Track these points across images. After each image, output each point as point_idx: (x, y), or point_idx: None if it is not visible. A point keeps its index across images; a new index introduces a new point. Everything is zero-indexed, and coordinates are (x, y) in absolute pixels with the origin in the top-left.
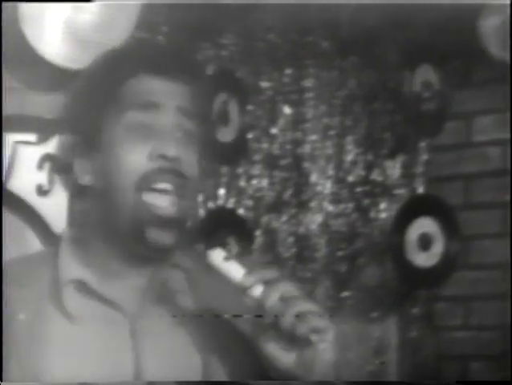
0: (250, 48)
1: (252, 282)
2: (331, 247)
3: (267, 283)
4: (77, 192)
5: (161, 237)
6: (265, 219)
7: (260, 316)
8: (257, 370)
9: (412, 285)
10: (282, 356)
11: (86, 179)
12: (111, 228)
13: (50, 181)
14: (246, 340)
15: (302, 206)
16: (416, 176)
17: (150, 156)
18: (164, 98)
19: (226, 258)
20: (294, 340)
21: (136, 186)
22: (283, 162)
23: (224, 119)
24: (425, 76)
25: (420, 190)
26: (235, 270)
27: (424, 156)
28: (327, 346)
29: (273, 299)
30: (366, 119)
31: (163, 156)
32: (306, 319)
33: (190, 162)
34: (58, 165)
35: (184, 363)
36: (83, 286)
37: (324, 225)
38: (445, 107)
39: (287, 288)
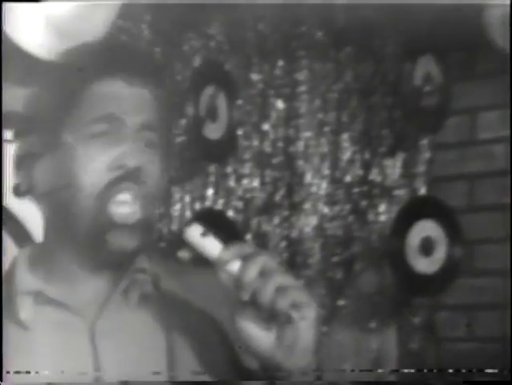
0: (239, 39)
1: (230, 257)
2: (325, 252)
3: (245, 257)
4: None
5: (123, 242)
6: (255, 222)
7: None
8: (230, 357)
9: (412, 292)
10: (260, 336)
11: (45, 183)
12: (72, 235)
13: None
14: (218, 324)
15: (295, 208)
16: (417, 176)
17: (110, 166)
18: (127, 112)
19: (203, 234)
20: (273, 318)
21: (97, 196)
22: (275, 160)
23: (211, 114)
24: (426, 68)
25: (422, 191)
26: (212, 246)
27: (426, 155)
28: (308, 323)
29: (251, 273)
30: (363, 115)
31: (122, 167)
32: (286, 294)
33: (153, 171)
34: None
35: (147, 347)
36: (40, 296)
37: (319, 229)
38: (448, 102)
39: (266, 262)
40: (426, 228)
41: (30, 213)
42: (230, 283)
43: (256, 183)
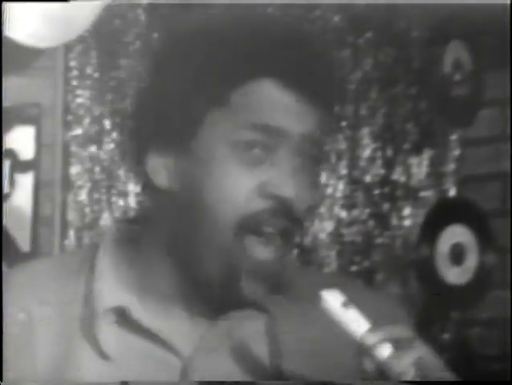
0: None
1: (378, 340)
2: (343, 260)
3: (398, 343)
4: (145, 191)
5: (253, 287)
6: None
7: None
8: None
9: (442, 305)
10: None
11: (162, 179)
12: (190, 254)
13: (11, 183)
14: None
15: (309, 212)
16: (445, 176)
17: (260, 192)
18: (290, 121)
19: (345, 304)
20: None
21: (237, 225)
22: None
23: None
24: (456, 55)
25: (452, 192)
26: (356, 322)
27: (456, 152)
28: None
29: (404, 363)
30: (385, 107)
31: (276, 197)
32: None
33: (303, 201)
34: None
35: None
36: (123, 315)
37: (335, 235)
38: (480, 92)
39: (423, 351)
40: (456, 234)
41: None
42: (375, 370)
43: None
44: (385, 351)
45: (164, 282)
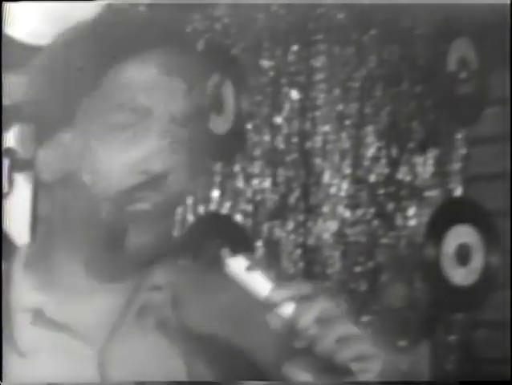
0: (249, 20)
1: (282, 298)
2: (347, 261)
3: (301, 300)
4: (38, 192)
5: (143, 240)
6: (266, 227)
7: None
8: None
9: (447, 307)
10: None
11: (49, 174)
12: (80, 235)
13: (10, 182)
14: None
15: (312, 211)
16: (451, 175)
17: (133, 169)
18: (157, 100)
19: (249, 268)
20: (330, 369)
21: (114, 198)
22: (289, 158)
23: (217, 105)
24: (462, 53)
25: (457, 192)
26: (260, 284)
27: (462, 151)
28: (371, 376)
29: (308, 319)
30: (389, 106)
31: (147, 172)
32: (348, 346)
33: (178, 175)
34: (18, 161)
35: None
36: (39, 315)
37: (339, 235)
38: (486, 90)
39: (326, 306)
40: (462, 234)
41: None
42: (281, 328)
43: (267, 183)
44: (288, 309)
45: (70, 279)
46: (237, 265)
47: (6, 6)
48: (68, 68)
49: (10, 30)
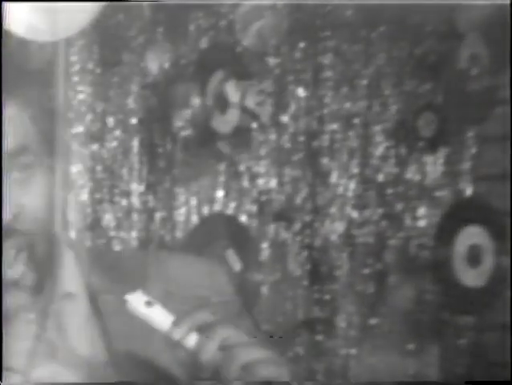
0: (254, 17)
1: (184, 332)
2: (354, 263)
3: (202, 329)
4: None
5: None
6: (272, 228)
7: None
8: None
9: (457, 309)
10: None
11: None
12: None
13: None
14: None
15: (319, 212)
16: (461, 175)
17: None
18: None
19: (149, 303)
20: None
21: None
22: (295, 157)
23: (221, 104)
24: (472, 49)
25: (468, 192)
26: (161, 318)
27: (472, 149)
28: None
29: (210, 350)
30: (398, 104)
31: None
32: (255, 371)
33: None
34: None
35: None
36: None
37: (346, 236)
38: (497, 88)
39: (229, 333)
40: (472, 235)
41: None
42: (187, 360)
43: (273, 183)
44: (192, 341)
45: None
46: (136, 301)
47: (6, 5)
48: None
49: (11, 26)
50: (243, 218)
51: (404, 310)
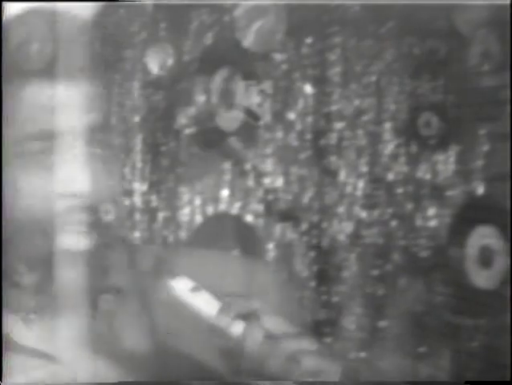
0: (260, 12)
1: (230, 319)
2: (363, 264)
3: (248, 317)
4: None
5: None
6: (278, 228)
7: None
8: None
9: (469, 312)
10: None
11: None
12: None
13: None
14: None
15: (327, 212)
16: (474, 173)
17: (57, 192)
18: (63, 118)
19: (195, 289)
20: None
21: (44, 230)
22: (302, 156)
23: (226, 100)
24: (485, 44)
25: (480, 191)
26: (207, 304)
27: (485, 147)
28: None
29: (257, 338)
30: (408, 101)
31: (72, 194)
32: (301, 362)
33: (100, 193)
34: None
35: None
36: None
37: (355, 236)
38: (510, 83)
39: (274, 322)
40: (485, 236)
41: None
42: (231, 350)
43: (279, 182)
44: (237, 329)
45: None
46: (181, 286)
47: (6, 5)
48: None
49: None
50: (249, 218)
51: (414, 313)
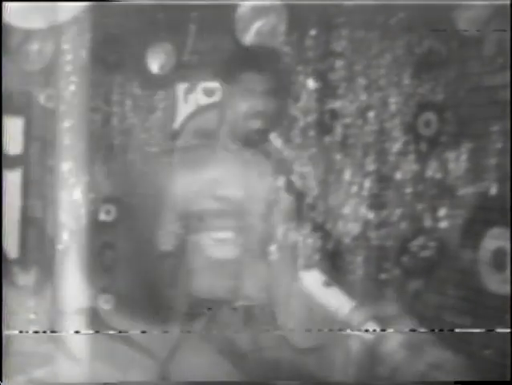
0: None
1: (363, 319)
2: (370, 267)
3: (383, 321)
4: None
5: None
6: (281, 230)
7: None
8: None
9: (484, 317)
10: None
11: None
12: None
13: None
14: None
15: (332, 213)
16: (486, 172)
17: (207, 192)
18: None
19: (327, 283)
20: None
21: (183, 224)
22: (306, 153)
23: None
24: (499, 36)
25: (493, 190)
26: (339, 301)
27: (498, 144)
28: None
29: (392, 344)
30: (418, 95)
31: (224, 198)
32: (440, 372)
33: (255, 199)
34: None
35: None
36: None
37: (362, 238)
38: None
39: (412, 330)
40: (498, 238)
41: None
42: (362, 350)
43: (281, 181)
44: (370, 330)
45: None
46: (312, 279)
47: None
48: None
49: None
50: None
51: (425, 319)
